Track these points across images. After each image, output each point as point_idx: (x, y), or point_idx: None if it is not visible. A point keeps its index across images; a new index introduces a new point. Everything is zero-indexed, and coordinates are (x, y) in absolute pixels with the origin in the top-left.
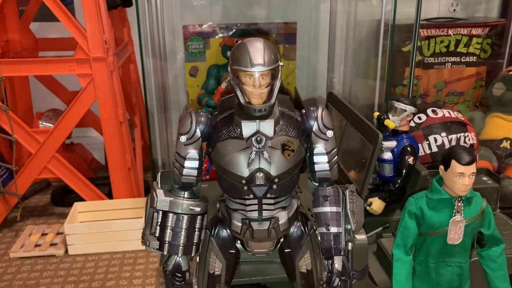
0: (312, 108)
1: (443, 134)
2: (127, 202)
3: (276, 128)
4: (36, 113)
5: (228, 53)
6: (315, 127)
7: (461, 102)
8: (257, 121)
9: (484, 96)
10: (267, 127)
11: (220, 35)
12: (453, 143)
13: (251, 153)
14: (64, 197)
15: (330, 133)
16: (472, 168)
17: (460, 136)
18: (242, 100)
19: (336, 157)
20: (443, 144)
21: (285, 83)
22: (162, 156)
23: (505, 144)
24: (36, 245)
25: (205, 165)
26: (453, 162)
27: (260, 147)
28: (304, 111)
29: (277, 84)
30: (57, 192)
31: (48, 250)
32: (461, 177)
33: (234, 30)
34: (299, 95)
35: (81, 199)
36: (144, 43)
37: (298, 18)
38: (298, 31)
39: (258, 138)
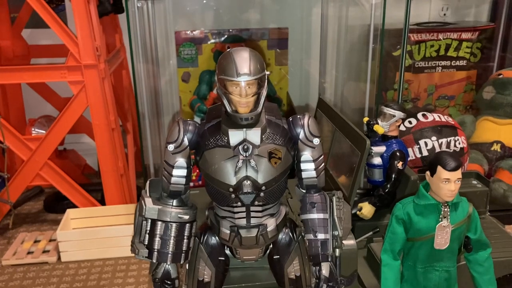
0: (298, 116)
1: (434, 138)
2: (119, 208)
3: (263, 136)
4: (29, 120)
5: None
6: (301, 135)
7: (452, 106)
8: (244, 129)
9: (474, 100)
10: (254, 135)
11: (212, 40)
12: (444, 147)
13: (238, 161)
14: (57, 204)
15: (316, 141)
16: (458, 174)
17: (450, 140)
18: (229, 109)
19: (323, 164)
20: (433, 148)
21: (277, 88)
22: (154, 161)
23: (496, 147)
24: (29, 253)
25: (197, 171)
26: (439, 168)
27: (247, 155)
28: (291, 119)
29: (264, 93)
30: (50, 198)
31: (41, 257)
32: (447, 183)
33: (226, 36)
34: (291, 100)
35: (74, 206)
36: (135, 49)
37: (290, 23)
38: (290, 36)
39: (245, 147)
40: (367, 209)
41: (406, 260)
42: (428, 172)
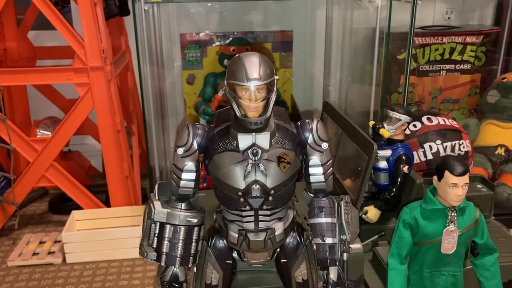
0: (307, 121)
1: (438, 141)
2: (124, 210)
3: (272, 140)
4: (34, 121)
5: (225, 61)
6: (310, 139)
7: (456, 109)
8: (253, 134)
9: (478, 103)
10: (263, 139)
11: (217, 43)
12: (448, 150)
13: (247, 165)
14: (62, 205)
15: (325, 145)
16: (465, 178)
17: (455, 144)
18: (238, 113)
19: (331, 168)
20: (438, 151)
21: (282, 91)
22: (159, 163)
23: (500, 151)
24: (34, 254)
25: (202, 173)
26: (446, 173)
27: (256, 159)
28: (299, 123)
29: (273, 98)
30: (55, 200)
31: (46, 258)
32: (454, 188)
33: (231, 39)
34: (295, 102)
35: (79, 207)
36: (142, 52)
37: (294, 26)
38: (295, 39)
39: (254, 151)
40: (372, 213)
41: (412, 264)
42: (435, 177)
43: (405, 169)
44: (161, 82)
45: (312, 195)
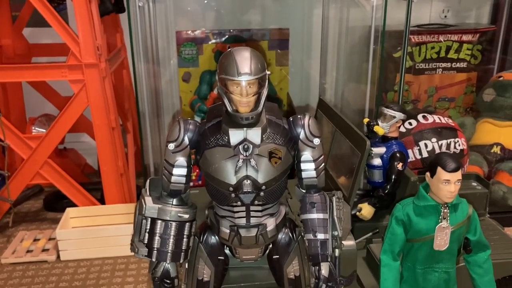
0: (299, 116)
1: (434, 139)
2: (119, 208)
3: (263, 136)
4: (29, 118)
5: None
6: (302, 135)
7: (452, 108)
8: (245, 129)
9: (474, 102)
10: (254, 135)
11: (213, 41)
12: (444, 148)
13: (239, 160)
14: (57, 203)
15: (317, 141)
16: (458, 175)
17: (450, 142)
18: (229, 109)
19: (323, 164)
20: (433, 149)
21: (278, 89)
22: (154, 161)
23: (496, 149)
24: (28, 251)
25: (197, 171)
26: (439, 169)
27: (247, 155)
28: (291, 119)
29: (264, 93)
30: (50, 197)
31: (40, 255)
32: (446, 184)
33: (227, 36)
34: (291, 100)
35: (74, 205)
36: (136, 49)
37: (291, 24)
38: (291, 37)
39: (245, 146)
40: (366, 210)
41: (405, 261)
42: (428, 173)
43: (400, 166)
44: (156, 79)
45: (304, 191)
